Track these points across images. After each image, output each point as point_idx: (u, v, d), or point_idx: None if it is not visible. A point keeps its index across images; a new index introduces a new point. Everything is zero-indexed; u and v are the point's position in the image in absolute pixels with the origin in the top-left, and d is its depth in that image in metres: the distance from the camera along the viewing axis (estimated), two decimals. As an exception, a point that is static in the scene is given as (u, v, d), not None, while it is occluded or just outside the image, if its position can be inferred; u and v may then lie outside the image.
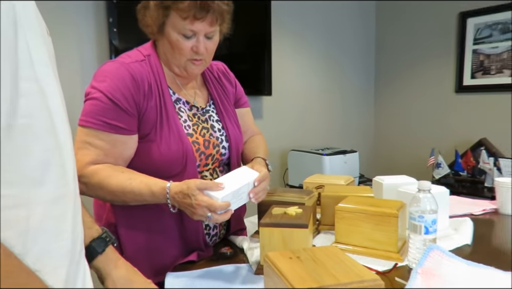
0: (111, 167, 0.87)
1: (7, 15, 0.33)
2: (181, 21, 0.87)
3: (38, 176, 0.37)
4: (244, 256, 0.94)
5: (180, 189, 0.81)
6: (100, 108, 0.85)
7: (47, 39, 0.42)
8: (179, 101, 0.99)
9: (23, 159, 0.35)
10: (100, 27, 1.94)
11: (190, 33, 0.89)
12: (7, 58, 0.33)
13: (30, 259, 0.35)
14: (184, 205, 0.81)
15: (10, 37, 0.34)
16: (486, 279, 0.74)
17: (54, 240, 0.38)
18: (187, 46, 0.90)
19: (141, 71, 0.89)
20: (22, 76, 0.35)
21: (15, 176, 0.34)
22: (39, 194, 0.37)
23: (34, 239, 0.36)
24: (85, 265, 0.45)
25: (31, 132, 0.36)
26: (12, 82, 0.34)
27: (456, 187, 2.51)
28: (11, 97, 0.33)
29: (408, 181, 1.17)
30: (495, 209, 1.33)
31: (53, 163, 0.39)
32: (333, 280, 0.57)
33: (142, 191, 0.84)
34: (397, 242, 0.90)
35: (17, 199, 0.34)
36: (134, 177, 0.85)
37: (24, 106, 0.35)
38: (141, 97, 0.88)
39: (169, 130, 0.91)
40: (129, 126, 0.87)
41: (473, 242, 1.02)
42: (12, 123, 0.33)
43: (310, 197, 1.04)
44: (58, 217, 0.39)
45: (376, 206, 0.92)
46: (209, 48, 0.94)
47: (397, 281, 0.79)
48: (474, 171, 2.56)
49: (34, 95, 0.37)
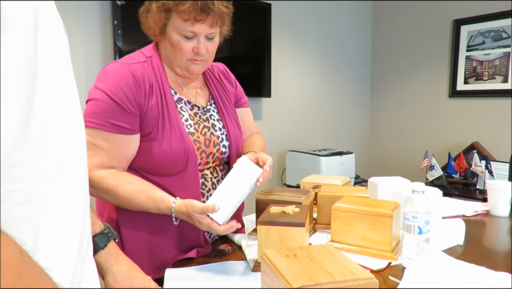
0: (117, 174, 0.88)
1: (28, 12, 0.33)
2: (181, 22, 0.89)
3: (53, 172, 0.37)
4: (242, 253, 0.95)
5: (183, 211, 0.86)
6: (103, 108, 0.86)
7: (64, 36, 0.42)
8: (180, 101, 1.00)
9: (40, 155, 0.35)
10: (105, 30, 1.96)
11: (191, 35, 0.91)
12: (26, 55, 0.33)
13: (41, 255, 0.35)
14: (189, 222, 0.88)
15: (31, 34, 0.34)
16: (477, 278, 0.75)
17: (65, 236, 0.38)
18: (188, 47, 0.92)
19: (142, 71, 0.91)
20: (41, 73, 0.35)
21: (31, 172, 0.34)
22: (53, 190, 0.37)
23: (45, 235, 0.36)
24: (91, 260, 0.45)
25: (49, 128, 0.36)
26: (31, 79, 0.34)
27: (449, 189, 2.54)
28: (29, 94, 0.34)
29: (403, 182, 1.17)
30: (487, 210, 1.35)
31: (67, 159, 0.39)
32: (328, 277, 0.58)
33: (149, 206, 0.89)
34: (391, 242, 0.91)
35: (31, 194, 0.34)
36: (142, 190, 0.89)
37: (43, 102, 0.35)
38: (142, 97, 0.89)
39: (171, 129, 0.92)
40: (131, 126, 0.89)
41: (465, 242, 1.04)
42: (29, 120, 0.34)
43: (307, 197, 1.05)
44: (70, 212, 0.39)
45: (371, 206, 0.94)
46: (209, 49, 0.95)
47: (390, 279, 0.80)
48: (466, 174, 2.60)
49: (53, 91, 0.37)
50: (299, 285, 0.56)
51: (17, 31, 0.32)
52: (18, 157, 0.33)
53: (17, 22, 0.32)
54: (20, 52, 0.33)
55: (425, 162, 2.62)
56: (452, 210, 1.32)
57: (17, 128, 0.33)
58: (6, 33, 0.31)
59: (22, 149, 0.33)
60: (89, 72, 1.92)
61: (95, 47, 1.95)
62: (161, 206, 0.88)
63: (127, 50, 1.85)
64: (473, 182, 2.54)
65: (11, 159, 0.32)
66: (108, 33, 1.96)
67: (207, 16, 0.89)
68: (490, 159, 2.41)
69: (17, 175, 0.33)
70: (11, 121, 0.32)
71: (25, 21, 0.33)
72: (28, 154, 0.34)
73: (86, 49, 1.91)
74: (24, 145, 0.33)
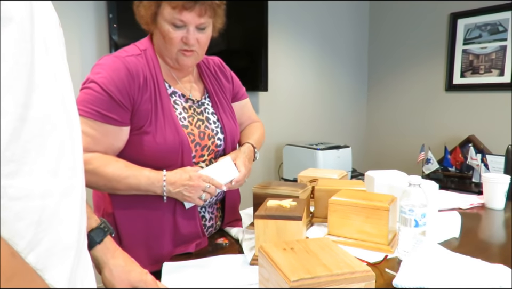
0: (103, 156, 0.88)
1: (24, 7, 0.33)
2: (170, 10, 0.90)
3: (52, 167, 0.37)
4: (239, 247, 0.96)
5: (177, 171, 0.89)
6: (93, 98, 0.86)
7: (60, 31, 0.42)
8: (175, 94, 1.00)
9: (40, 150, 0.35)
10: (100, 23, 1.94)
11: (180, 23, 0.91)
12: (23, 51, 0.33)
13: (41, 250, 0.35)
14: (180, 182, 0.89)
15: (27, 30, 0.34)
16: (473, 270, 0.76)
17: (64, 231, 0.38)
18: (177, 36, 0.92)
19: (136, 64, 0.91)
20: (38, 68, 0.35)
21: (28, 167, 0.34)
22: (53, 185, 0.37)
23: (45, 230, 0.36)
24: (86, 255, 0.46)
25: (48, 123, 0.36)
26: (28, 75, 0.34)
27: (445, 182, 2.56)
28: (26, 89, 0.33)
29: (399, 175, 1.18)
30: (482, 203, 1.36)
31: (65, 154, 0.39)
32: (325, 270, 0.58)
33: (139, 181, 0.88)
34: (388, 235, 0.92)
35: (29, 190, 0.34)
36: (130, 166, 0.89)
37: (40, 98, 0.35)
38: (135, 90, 0.90)
39: (164, 122, 0.92)
40: (121, 118, 0.89)
41: (460, 235, 1.05)
42: (26, 116, 0.33)
43: (304, 190, 1.06)
44: (69, 208, 0.39)
45: (368, 200, 0.94)
46: (200, 40, 0.95)
47: (387, 272, 0.81)
48: (462, 167, 2.61)
49: (51, 86, 0.37)
50: (296, 278, 0.56)
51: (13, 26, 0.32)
52: (14, 153, 0.33)
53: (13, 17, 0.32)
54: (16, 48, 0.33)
55: (422, 156, 2.63)
56: (448, 203, 1.33)
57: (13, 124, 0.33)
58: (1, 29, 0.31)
59: (18, 145, 0.33)
60: (85, 66, 1.90)
61: (91, 41, 1.93)
62: (152, 175, 0.89)
63: (122, 44, 1.83)
64: (469, 175, 2.55)
65: (6, 155, 0.32)
66: (103, 27, 1.95)
67: (195, 4, 0.89)
68: (486, 152, 2.43)
69: (12, 170, 0.33)
70: (6, 117, 0.32)
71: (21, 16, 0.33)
72: (24, 150, 0.34)
73: (82, 43, 1.90)
74: (20, 141, 0.33)
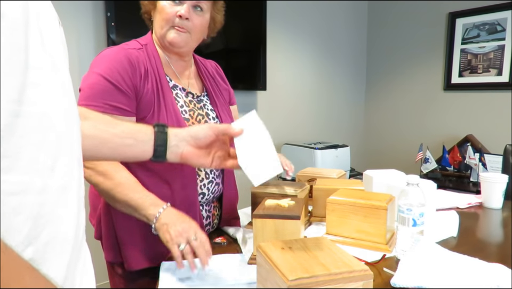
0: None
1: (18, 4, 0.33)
2: None
3: (50, 163, 0.37)
4: (237, 246, 0.96)
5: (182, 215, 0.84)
6: (100, 91, 0.85)
7: (60, 30, 0.42)
8: (176, 87, 1.01)
9: (37, 147, 0.35)
10: (98, 22, 1.94)
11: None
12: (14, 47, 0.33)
13: (38, 244, 0.35)
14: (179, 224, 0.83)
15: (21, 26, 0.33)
16: (471, 270, 0.76)
17: (62, 226, 0.39)
18: (172, 11, 0.93)
19: (137, 56, 0.92)
20: (33, 64, 0.35)
21: (24, 163, 0.34)
22: (51, 180, 0.37)
23: (43, 225, 0.36)
24: (86, 252, 0.46)
25: (46, 120, 0.36)
26: (21, 72, 0.33)
27: (443, 181, 2.56)
28: (19, 85, 0.33)
29: (397, 174, 1.18)
30: (480, 203, 1.36)
31: (63, 150, 0.39)
32: (323, 269, 0.58)
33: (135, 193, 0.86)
34: (386, 234, 0.92)
35: (26, 185, 0.34)
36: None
37: (37, 94, 0.35)
38: (138, 79, 0.90)
39: (167, 114, 0.92)
40: (129, 107, 0.89)
41: (458, 234, 1.05)
42: (19, 111, 0.33)
43: (302, 190, 1.05)
44: (66, 203, 0.39)
45: (366, 199, 0.94)
46: (195, 21, 0.95)
47: (385, 271, 0.81)
48: (460, 167, 2.62)
49: (49, 84, 0.37)
50: (294, 277, 0.56)
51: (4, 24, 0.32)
52: (7, 149, 0.33)
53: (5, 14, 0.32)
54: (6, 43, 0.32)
55: (420, 155, 2.64)
56: (446, 202, 1.33)
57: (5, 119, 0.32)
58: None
59: (11, 141, 0.33)
60: (83, 64, 1.90)
61: (89, 39, 1.93)
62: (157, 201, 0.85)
63: (120, 42, 1.81)
64: (467, 174, 2.56)
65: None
66: (101, 25, 1.94)
67: None
68: (484, 152, 2.43)
69: (6, 166, 0.33)
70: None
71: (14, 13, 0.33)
72: (19, 146, 0.34)
73: (79, 41, 1.90)
74: (14, 136, 0.33)
